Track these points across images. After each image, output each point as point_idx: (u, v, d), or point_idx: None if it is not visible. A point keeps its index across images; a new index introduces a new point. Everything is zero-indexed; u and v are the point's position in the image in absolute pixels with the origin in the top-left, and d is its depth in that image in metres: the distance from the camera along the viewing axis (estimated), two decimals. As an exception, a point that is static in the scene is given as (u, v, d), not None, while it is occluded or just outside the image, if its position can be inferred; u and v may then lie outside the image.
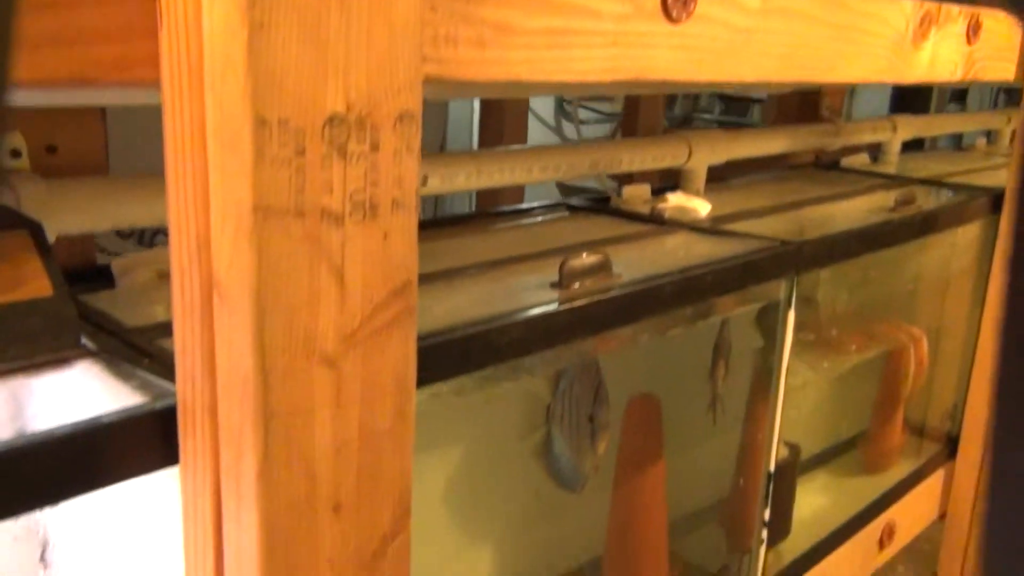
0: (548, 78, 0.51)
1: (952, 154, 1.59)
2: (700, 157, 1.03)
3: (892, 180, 1.22)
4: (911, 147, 1.47)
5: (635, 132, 1.23)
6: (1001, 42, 0.99)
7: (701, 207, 0.93)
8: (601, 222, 0.91)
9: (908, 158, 1.43)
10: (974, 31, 0.94)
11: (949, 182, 1.21)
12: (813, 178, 1.24)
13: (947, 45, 0.91)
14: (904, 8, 0.81)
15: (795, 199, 1.07)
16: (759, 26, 0.64)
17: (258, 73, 0.33)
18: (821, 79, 0.74)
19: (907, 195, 1.02)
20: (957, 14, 0.89)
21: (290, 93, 0.34)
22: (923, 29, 0.84)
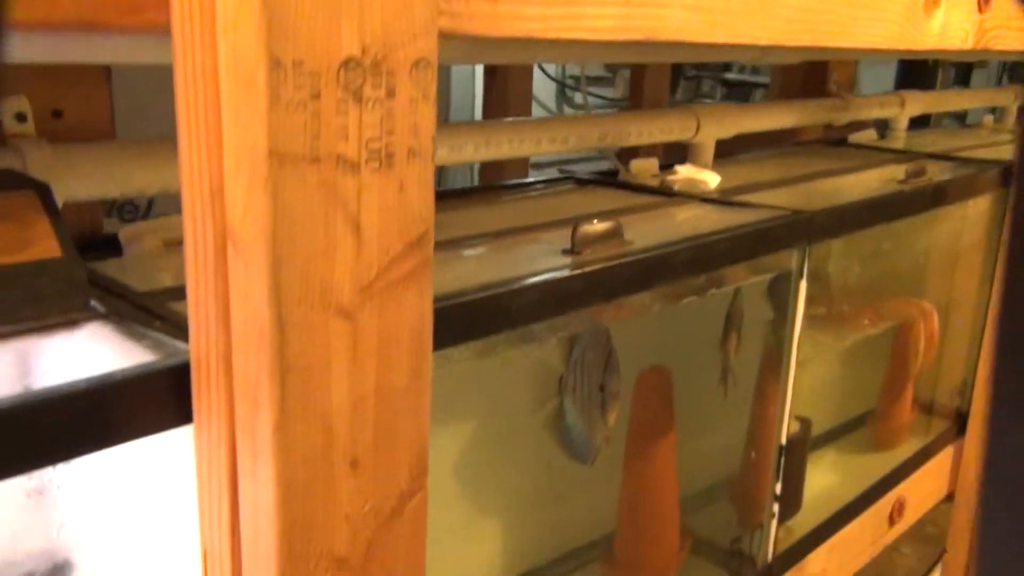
0: (560, 35, 0.51)
1: (959, 131, 1.58)
2: (708, 130, 1.02)
3: (901, 154, 1.21)
4: (917, 125, 1.46)
5: (640, 108, 1.23)
6: (1012, 12, 0.98)
7: (711, 179, 0.92)
8: (609, 194, 0.90)
9: (915, 134, 1.42)
10: (985, 0, 0.93)
11: (959, 156, 1.20)
12: (821, 154, 1.23)
13: (958, 13, 0.90)
14: (916, -27, 0.80)
15: (804, 172, 1.06)
16: (773, -14, 0.63)
17: (272, 13, 0.33)
18: (834, 43, 0.73)
19: (918, 168, 1.01)
20: (968, -19, 0.88)
21: (305, 34, 0.34)
22: (935, -5, 0.83)
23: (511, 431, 0.76)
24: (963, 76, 2.56)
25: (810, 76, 1.38)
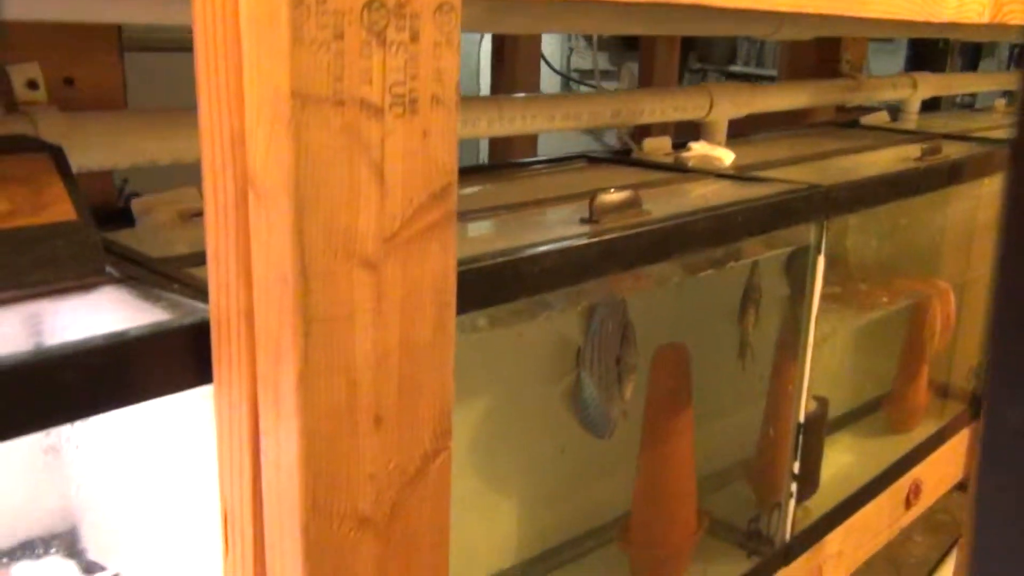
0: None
1: (971, 114, 1.57)
2: (721, 109, 1.01)
3: (915, 135, 1.20)
4: (927, 110, 1.45)
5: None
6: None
7: (725, 156, 0.91)
8: (623, 171, 0.89)
9: (928, 117, 1.40)
10: (1002, -26, 0.92)
11: (973, 136, 1.19)
12: (834, 135, 1.22)
13: (975, -13, 0.89)
14: (935, -59, 0.79)
15: (819, 151, 1.05)
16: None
17: (295, -52, 0.32)
18: (853, 12, 0.72)
19: (933, 146, 1.00)
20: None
21: (328, -28, 0.33)
22: (953, -35, 0.82)
23: (529, 406, 0.75)
24: (971, 63, 2.55)
25: (821, 61, 1.37)
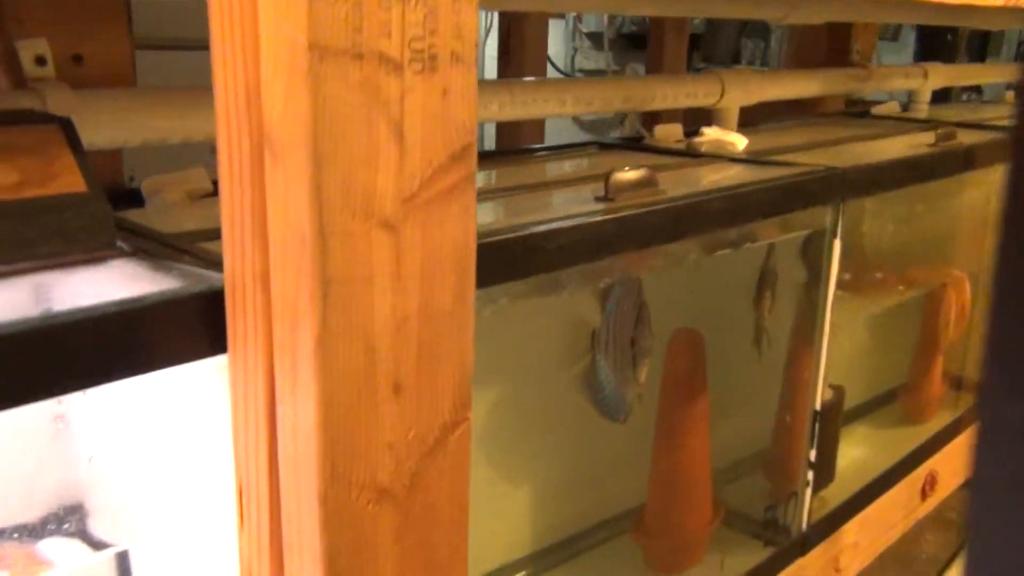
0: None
1: (981, 105, 1.55)
2: (733, 96, 1.00)
3: (927, 124, 1.19)
4: (936, 101, 1.44)
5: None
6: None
7: (739, 141, 0.90)
8: (636, 156, 0.88)
9: (938, 108, 1.39)
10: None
11: (987, 125, 1.18)
12: (845, 124, 1.20)
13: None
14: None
15: (832, 138, 1.04)
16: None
17: None
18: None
19: (948, 132, 0.99)
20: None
21: (347, -81, 0.32)
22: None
23: (543, 391, 0.74)
24: (979, 58, 2.54)
25: (830, 51, 1.36)
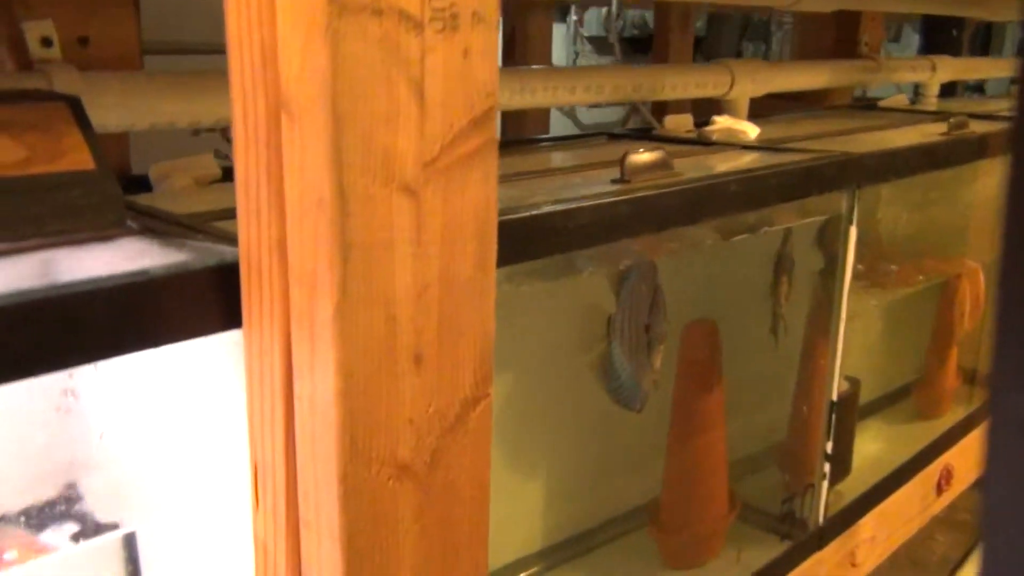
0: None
1: (987, 98, 1.55)
2: (742, 87, 1.00)
3: (937, 114, 1.18)
4: (941, 96, 1.43)
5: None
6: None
7: (750, 129, 0.89)
8: (647, 146, 0.87)
9: (946, 101, 1.38)
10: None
11: (997, 116, 1.17)
12: (853, 116, 1.19)
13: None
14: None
15: (843, 128, 1.03)
16: None
17: None
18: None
19: (960, 121, 0.98)
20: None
21: None
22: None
23: (559, 380, 0.73)
24: (982, 52, 2.54)
25: (837, 43, 1.35)
